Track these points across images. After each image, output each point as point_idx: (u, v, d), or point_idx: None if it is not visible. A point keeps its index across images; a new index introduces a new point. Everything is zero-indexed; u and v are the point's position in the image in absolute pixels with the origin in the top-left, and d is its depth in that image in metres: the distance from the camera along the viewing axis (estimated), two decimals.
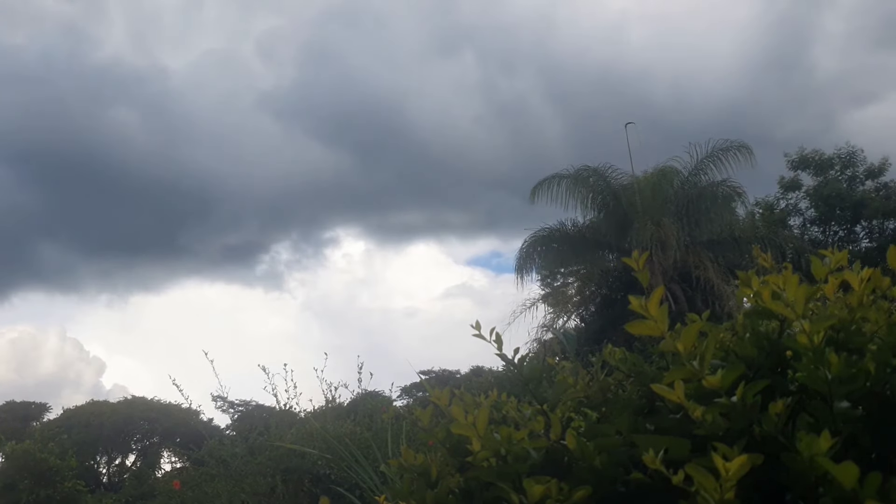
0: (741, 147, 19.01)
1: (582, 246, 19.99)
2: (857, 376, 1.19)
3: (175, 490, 10.46)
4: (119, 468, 29.60)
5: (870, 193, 24.59)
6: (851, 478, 1.01)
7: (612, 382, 1.61)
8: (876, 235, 24.83)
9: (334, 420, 8.46)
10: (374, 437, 6.55)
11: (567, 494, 1.23)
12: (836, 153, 25.11)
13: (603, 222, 19.72)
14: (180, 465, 20.72)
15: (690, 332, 1.24)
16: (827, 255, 1.47)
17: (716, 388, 1.19)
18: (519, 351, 1.70)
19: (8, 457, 13.33)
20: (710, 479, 1.03)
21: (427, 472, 1.53)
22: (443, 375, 30.66)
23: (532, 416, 1.59)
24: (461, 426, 1.41)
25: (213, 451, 9.74)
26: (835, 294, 1.41)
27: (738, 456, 1.03)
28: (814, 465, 1.05)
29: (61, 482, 13.02)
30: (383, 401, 11.81)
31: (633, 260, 1.48)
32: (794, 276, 1.27)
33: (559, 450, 1.37)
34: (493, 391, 1.80)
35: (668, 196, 19.17)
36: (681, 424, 1.22)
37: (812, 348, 1.20)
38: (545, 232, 19.77)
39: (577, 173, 19.52)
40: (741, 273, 1.46)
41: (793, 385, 1.27)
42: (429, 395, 1.68)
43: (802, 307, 1.24)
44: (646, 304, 1.27)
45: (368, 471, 5.17)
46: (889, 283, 1.42)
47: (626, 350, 1.68)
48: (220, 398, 21.68)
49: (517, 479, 1.31)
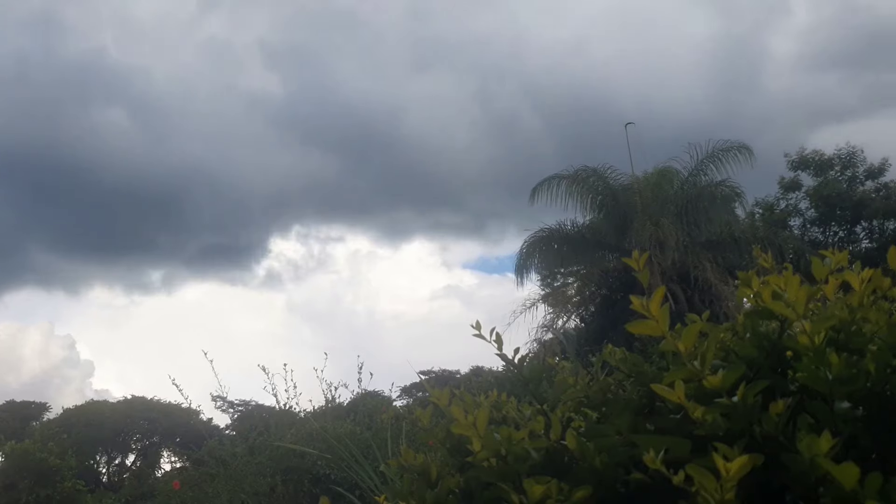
0: (741, 148, 19.04)
1: (581, 246, 19.99)
2: (857, 377, 1.19)
3: (175, 490, 10.46)
4: (119, 468, 29.59)
5: (870, 194, 24.62)
6: (852, 478, 1.01)
7: (613, 382, 1.61)
8: (876, 236, 24.85)
9: (334, 420, 8.46)
10: (374, 437, 6.55)
11: (567, 494, 1.23)
12: (836, 153, 25.13)
13: (602, 223, 19.73)
14: (180, 465, 20.73)
15: (691, 333, 1.24)
16: (827, 255, 1.47)
17: (716, 389, 1.19)
18: (519, 351, 1.70)
19: (8, 456, 13.33)
20: (711, 479, 1.03)
21: (427, 472, 1.53)
22: (443, 375, 30.63)
23: (532, 416, 1.59)
24: (461, 426, 1.41)
25: (213, 450, 9.75)
26: (835, 294, 1.41)
27: (738, 456, 1.03)
28: (814, 465, 1.05)
29: (61, 482, 13.02)
30: (383, 401, 11.82)
31: (633, 260, 1.48)
32: (795, 277, 1.27)
33: (559, 450, 1.36)
34: (493, 391, 1.80)
35: (667, 196, 19.18)
36: (681, 425, 1.22)
37: (812, 349, 1.20)
38: (545, 232, 19.78)
39: (577, 174, 19.53)
40: (741, 273, 1.46)
41: (793, 385, 1.27)
42: (429, 395, 1.68)
43: (803, 307, 1.24)
44: (647, 303, 1.27)
45: (368, 471, 5.17)
46: (889, 284, 1.42)
47: (627, 350, 1.68)
48: (220, 398, 21.70)
49: (517, 479, 1.31)
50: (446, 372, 31.54)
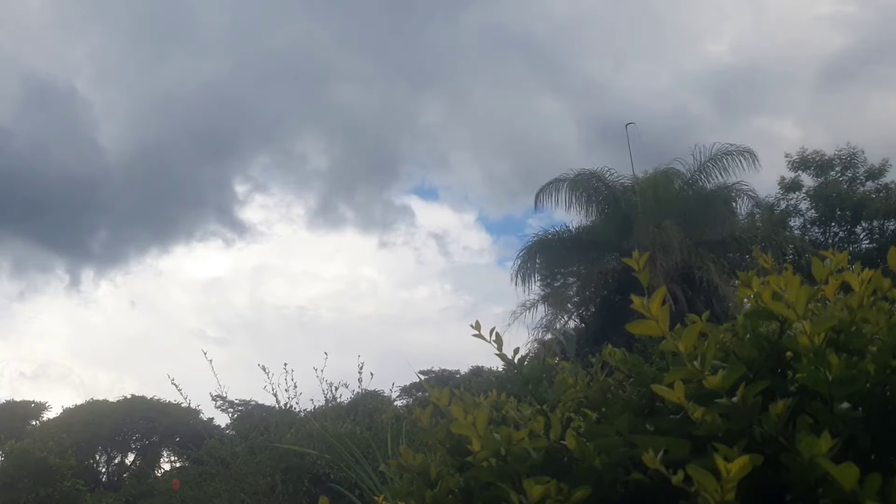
0: (744, 151, 19.04)
1: (583, 248, 19.99)
2: (857, 378, 1.19)
3: (174, 489, 10.47)
4: (118, 467, 29.58)
5: (870, 194, 24.60)
6: (851, 479, 1.01)
7: (612, 383, 1.61)
8: (876, 236, 24.83)
9: (334, 420, 8.46)
10: (374, 436, 6.55)
11: (567, 495, 1.23)
12: (836, 154, 25.13)
13: (604, 225, 19.72)
14: (180, 465, 20.69)
15: (691, 333, 1.24)
16: (827, 256, 1.46)
17: (716, 389, 1.19)
18: (519, 351, 1.70)
19: (7, 455, 13.34)
20: (711, 479, 1.03)
21: (426, 472, 1.53)
22: (442, 375, 30.63)
23: (532, 416, 1.59)
24: (461, 426, 1.41)
25: (213, 450, 9.76)
26: (835, 295, 1.41)
27: (738, 457, 1.03)
28: (814, 466, 1.05)
29: (61, 481, 13.03)
30: (383, 401, 11.82)
31: (633, 260, 1.48)
32: (795, 277, 1.27)
33: (559, 450, 1.36)
34: (493, 391, 1.80)
35: (669, 198, 19.17)
36: (681, 425, 1.22)
37: (812, 349, 1.20)
38: (547, 235, 19.81)
39: (578, 176, 19.53)
40: (742, 274, 1.46)
41: (793, 386, 1.27)
42: (428, 395, 1.68)
43: (803, 308, 1.24)
44: (648, 304, 1.27)
45: (368, 470, 5.17)
46: (889, 285, 1.42)
47: (627, 351, 1.68)
48: (220, 398, 21.65)
49: (517, 479, 1.31)
50: (446, 372, 31.56)
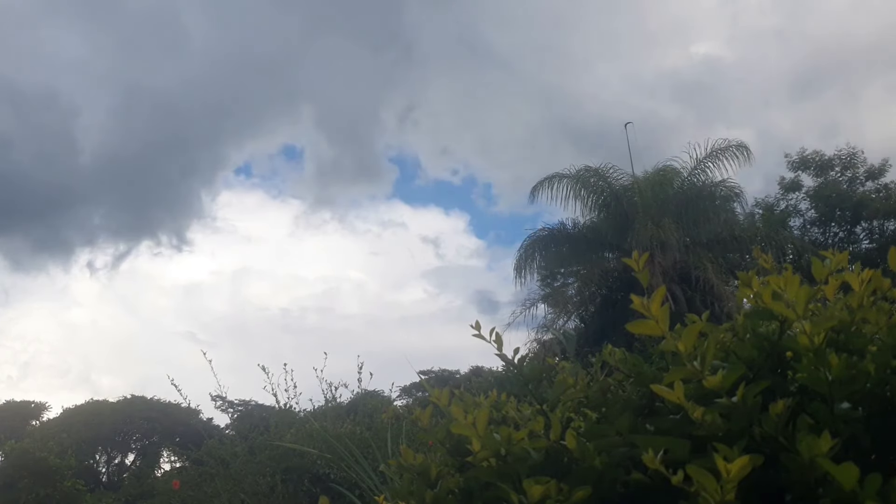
0: (739, 147, 19.04)
1: (582, 246, 20.00)
2: (857, 378, 1.19)
3: (174, 489, 10.46)
4: (118, 467, 29.59)
5: (870, 194, 24.59)
6: (851, 479, 1.01)
7: (612, 383, 1.61)
8: (876, 236, 24.83)
9: (334, 420, 8.46)
10: (374, 436, 6.55)
11: (567, 495, 1.23)
12: (836, 154, 25.12)
13: (603, 222, 19.73)
14: (180, 465, 20.70)
15: (691, 333, 1.24)
16: (827, 256, 1.46)
17: (716, 389, 1.19)
18: (519, 351, 1.70)
19: (7, 455, 13.33)
20: (712, 479, 1.03)
21: (426, 472, 1.53)
22: (442, 375, 30.64)
23: (532, 416, 1.59)
24: (461, 426, 1.41)
25: (213, 450, 9.75)
26: (835, 295, 1.41)
27: (738, 457, 1.03)
28: (814, 466, 1.05)
29: (61, 481, 13.01)
30: (383, 401, 11.82)
31: (633, 260, 1.48)
32: (795, 277, 1.27)
33: (559, 450, 1.36)
34: (493, 391, 1.80)
35: (668, 196, 19.17)
36: (681, 425, 1.22)
37: (812, 349, 1.20)
38: (545, 232, 19.79)
39: (578, 173, 19.53)
40: (741, 273, 1.46)
41: (793, 386, 1.27)
42: (429, 395, 1.68)
43: (803, 308, 1.24)
44: (648, 303, 1.27)
45: (368, 470, 5.16)
46: (889, 285, 1.42)
47: (626, 351, 1.67)
48: (220, 398, 21.68)
49: (517, 479, 1.31)
50: (446, 372, 31.56)
